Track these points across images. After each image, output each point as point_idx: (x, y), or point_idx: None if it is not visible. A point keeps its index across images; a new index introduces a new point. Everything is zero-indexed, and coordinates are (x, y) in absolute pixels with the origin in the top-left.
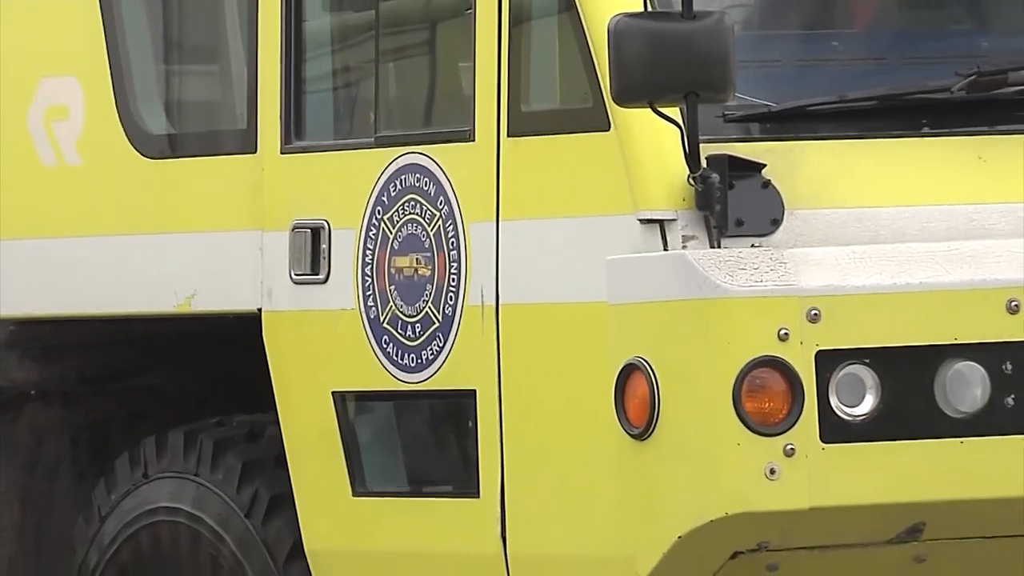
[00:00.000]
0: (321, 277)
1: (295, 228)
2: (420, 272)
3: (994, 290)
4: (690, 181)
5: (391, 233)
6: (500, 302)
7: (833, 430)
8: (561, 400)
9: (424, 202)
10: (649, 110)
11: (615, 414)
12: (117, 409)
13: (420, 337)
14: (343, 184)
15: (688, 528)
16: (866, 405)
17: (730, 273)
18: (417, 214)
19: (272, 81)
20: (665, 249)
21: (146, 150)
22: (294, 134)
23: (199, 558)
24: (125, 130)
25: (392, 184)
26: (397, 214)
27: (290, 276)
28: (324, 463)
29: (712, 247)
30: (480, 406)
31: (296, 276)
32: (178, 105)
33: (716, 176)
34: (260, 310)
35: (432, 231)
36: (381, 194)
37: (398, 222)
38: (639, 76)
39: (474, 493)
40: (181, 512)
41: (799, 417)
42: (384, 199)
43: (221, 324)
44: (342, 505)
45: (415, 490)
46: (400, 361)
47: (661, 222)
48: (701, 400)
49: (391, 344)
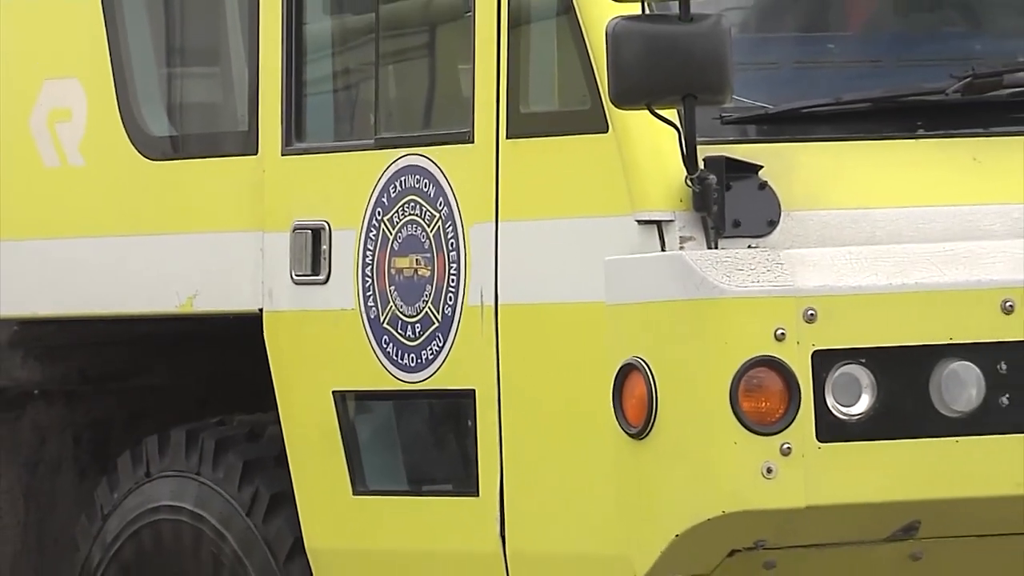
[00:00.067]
0: (321, 277)
1: (296, 229)
2: (420, 273)
3: (989, 290)
4: (687, 182)
5: (391, 234)
6: (499, 302)
7: (829, 429)
8: (560, 400)
9: (424, 203)
10: (647, 112)
11: (613, 413)
12: (119, 408)
13: (420, 337)
14: (343, 185)
15: (685, 526)
16: (862, 404)
17: (727, 274)
18: (417, 215)
19: (273, 83)
20: (663, 250)
21: (148, 152)
22: (295, 136)
23: (201, 556)
24: (127, 132)
25: (392, 185)
26: (397, 215)
27: (291, 276)
28: (324, 462)
29: (709, 248)
30: (479, 405)
31: (297, 276)
32: (180, 107)
33: (713, 177)
34: (261, 310)
35: (432, 232)
36: (381, 195)
37: (398, 223)
38: (637, 78)
39: (473, 492)
40: (183, 510)
41: (796, 416)
42: (384, 200)
43: (222, 324)
44: (342, 504)
45: (415, 489)
46: (400, 361)
47: (659, 223)
48: (698, 400)
49: (391, 344)
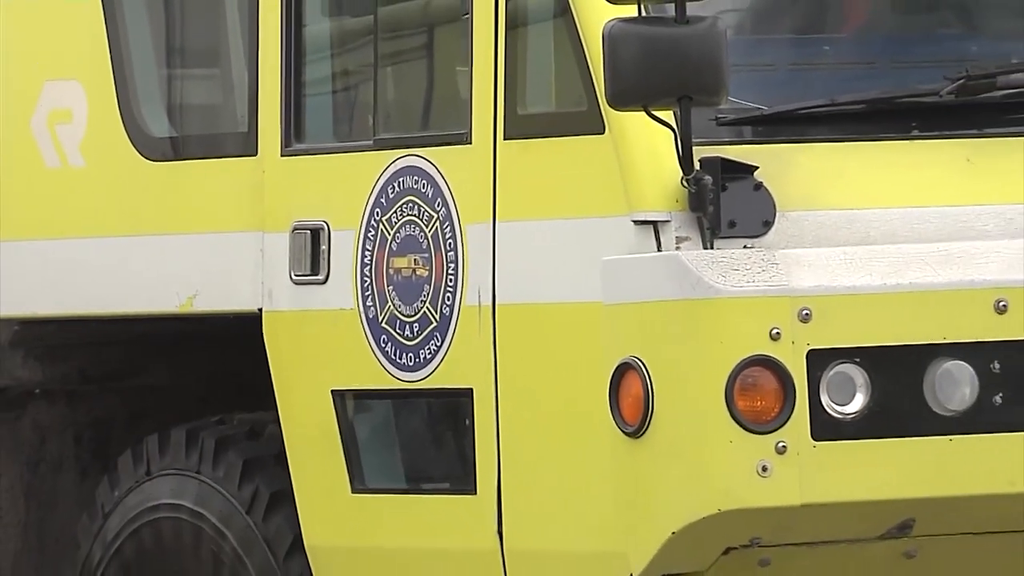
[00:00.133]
0: (321, 277)
1: (295, 229)
2: (418, 272)
3: (982, 290)
4: (683, 183)
5: (389, 234)
6: (497, 302)
7: (824, 428)
8: (557, 399)
9: (422, 204)
10: (643, 113)
11: (610, 412)
12: (120, 407)
13: (418, 336)
14: (342, 186)
15: (681, 524)
16: (856, 403)
17: (723, 274)
18: (415, 215)
19: (272, 85)
20: (659, 250)
21: (148, 152)
22: (294, 137)
23: (201, 554)
24: (128, 133)
25: (390, 186)
26: (395, 215)
27: (290, 276)
28: (323, 460)
29: (705, 248)
30: (477, 404)
31: (296, 276)
32: (180, 108)
33: (709, 178)
34: (261, 310)
35: (430, 232)
36: (380, 196)
37: (396, 223)
38: (633, 80)
39: (471, 490)
40: (183, 508)
41: (791, 415)
42: (383, 201)
43: (222, 324)
44: (341, 502)
45: (413, 487)
46: (398, 360)
47: (655, 223)
48: (694, 399)
49: (389, 343)
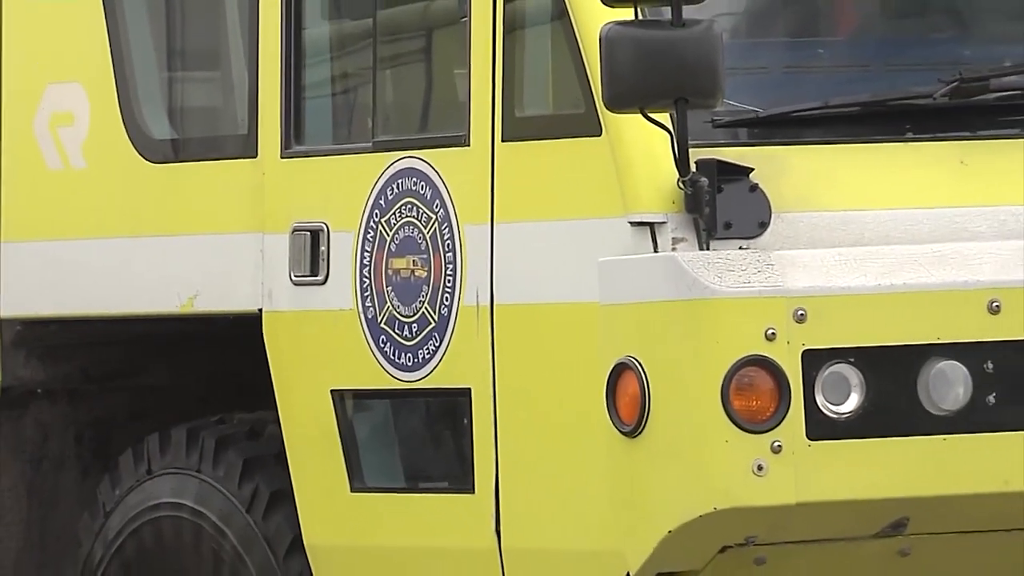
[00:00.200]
0: (320, 278)
1: (295, 230)
2: (417, 273)
3: (976, 291)
4: (680, 185)
5: (388, 235)
6: (495, 302)
7: (819, 427)
8: (554, 398)
9: (420, 205)
10: (640, 116)
11: (606, 412)
12: (121, 407)
13: (417, 337)
14: (342, 188)
15: (677, 523)
16: (851, 403)
17: (719, 274)
18: (414, 217)
19: (272, 87)
20: (655, 251)
21: (150, 154)
22: (294, 139)
23: (201, 552)
24: (129, 135)
25: (389, 188)
26: (394, 217)
27: (290, 277)
28: (323, 460)
29: (701, 249)
30: (475, 404)
31: (296, 277)
32: (181, 110)
33: (705, 180)
34: (261, 310)
35: (428, 233)
36: (379, 197)
37: (395, 224)
38: (630, 82)
39: (469, 489)
40: (184, 507)
41: (786, 415)
42: (382, 202)
43: (222, 324)
44: (340, 501)
45: (412, 486)
46: (397, 360)
47: (651, 224)
48: (690, 398)
49: (388, 344)
